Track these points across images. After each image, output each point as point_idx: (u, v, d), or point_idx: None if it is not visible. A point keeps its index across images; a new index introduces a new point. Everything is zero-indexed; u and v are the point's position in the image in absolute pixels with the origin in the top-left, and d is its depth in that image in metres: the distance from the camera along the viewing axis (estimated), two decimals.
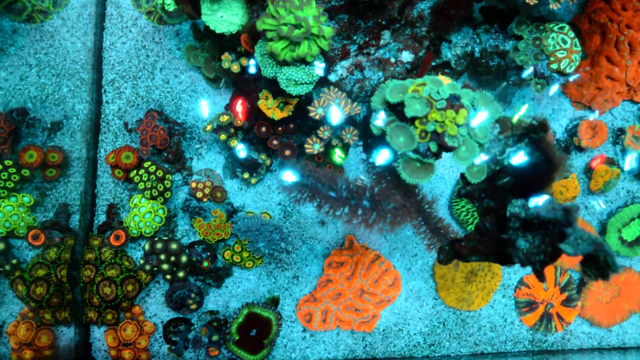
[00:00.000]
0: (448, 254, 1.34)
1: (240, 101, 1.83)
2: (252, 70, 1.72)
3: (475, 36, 1.87)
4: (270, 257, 2.02)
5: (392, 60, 1.68)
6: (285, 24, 1.38)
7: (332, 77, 1.65)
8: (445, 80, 1.80)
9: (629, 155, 2.04)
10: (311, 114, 1.60)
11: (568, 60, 1.73)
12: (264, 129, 1.83)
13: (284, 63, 1.47)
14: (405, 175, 1.33)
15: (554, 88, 2.06)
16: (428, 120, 1.27)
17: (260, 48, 1.51)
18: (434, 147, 1.29)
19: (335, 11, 1.53)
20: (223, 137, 1.88)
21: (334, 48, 1.61)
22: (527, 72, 1.80)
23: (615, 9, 2.04)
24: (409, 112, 1.26)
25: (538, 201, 1.25)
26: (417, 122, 1.28)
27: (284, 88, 1.51)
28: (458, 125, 1.28)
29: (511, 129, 1.33)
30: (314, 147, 1.65)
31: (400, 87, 1.32)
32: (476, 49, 1.87)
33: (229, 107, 1.94)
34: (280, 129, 1.83)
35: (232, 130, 1.88)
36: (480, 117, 1.27)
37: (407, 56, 1.68)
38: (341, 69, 1.64)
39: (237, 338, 1.88)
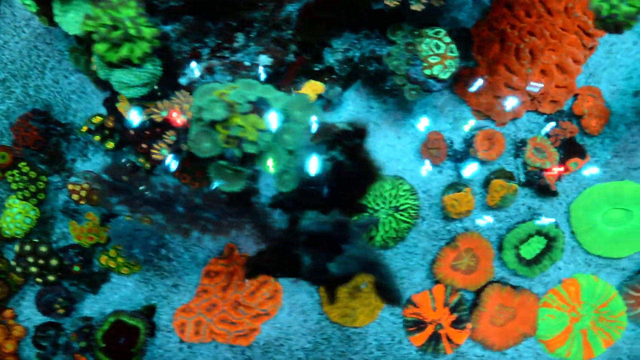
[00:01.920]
0: (251, 269, 1.27)
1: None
2: None
3: (356, 41, 1.80)
4: (148, 264, 1.97)
5: (247, 63, 1.61)
6: (103, 25, 1.34)
7: (183, 81, 1.60)
8: (314, 86, 1.73)
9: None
10: (153, 116, 1.55)
11: (441, 66, 1.64)
12: (132, 131, 1.79)
13: (115, 65, 1.43)
14: (217, 182, 1.27)
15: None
16: (230, 125, 1.21)
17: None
18: (238, 152, 1.22)
19: (175, 12, 1.48)
20: (97, 138, 1.85)
21: (182, 50, 1.56)
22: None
23: (517, 15, 1.93)
24: (206, 116, 1.20)
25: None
26: (219, 127, 1.21)
27: (117, 90, 1.47)
28: (261, 131, 1.21)
29: (322, 136, 1.26)
30: (161, 152, 1.60)
31: (209, 90, 1.26)
32: (356, 54, 1.80)
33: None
34: (147, 132, 1.78)
35: (106, 132, 1.85)
36: (273, 119, 1.20)
37: (265, 60, 1.62)
38: (192, 72, 1.59)
39: (102, 346, 1.83)
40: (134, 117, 1.63)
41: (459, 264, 1.95)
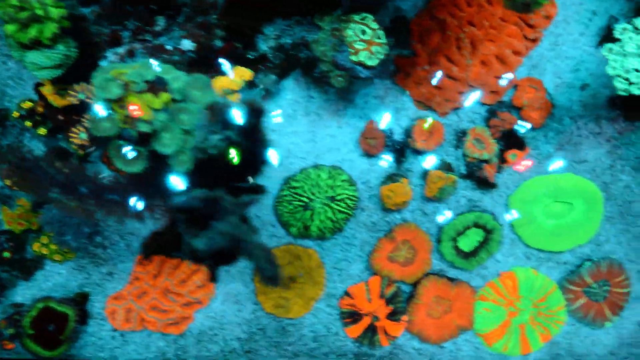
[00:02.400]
0: (145, 249, 1.25)
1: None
2: None
3: (288, 27, 1.77)
4: (83, 251, 1.95)
5: (169, 47, 1.59)
6: (11, 6, 1.32)
7: (104, 64, 1.58)
8: (242, 72, 1.71)
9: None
10: (70, 98, 1.53)
11: (368, 53, 1.62)
12: (60, 116, 1.77)
13: (27, 46, 1.41)
14: (118, 163, 1.25)
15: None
16: (126, 104, 1.19)
17: None
18: (134, 132, 1.20)
19: None
20: (29, 124, 1.83)
21: (102, 33, 1.54)
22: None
23: (458, 4, 1.91)
24: (100, 95, 1.18)
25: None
26: (115, 106, 1.19)
27: (31, 72, 1.45)
28: (156, 110, 1.19)
29: (216, 115, 1.23)
30: (79, 136, 1.58)
31: (107, 69, 1.24)
32: (288, 41, 1.78)
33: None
34: (75, 117, 1.76)
35: (37, 118, 1.83)
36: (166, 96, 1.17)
37: (187, 45, 1.60)
38: (113, 55, 1.57)
39: (30, 332, 1.81)
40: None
41: (397, 256, 1.93)
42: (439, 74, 1.85)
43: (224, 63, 1.61)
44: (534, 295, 1.91)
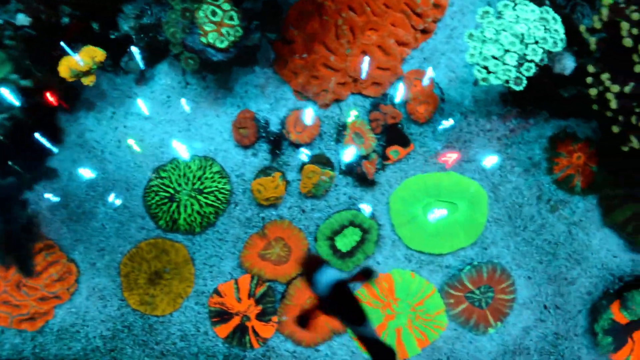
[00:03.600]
0: None
1: None
2: None
3: (147, 7, 1.67)
4: None
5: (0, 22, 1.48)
6: None
7: None
8: (92, 52, 1.60)
9: (349, 147, 1.79)
10: None
11: (217, 34, 1.51)
12: None
13: None
14: None
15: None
16: None
17: None
18: None
19: None
20: None
21: None
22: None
23: None
24: None
25: None
26: None
27: None
28: None
29: None
30: None
31: None
32: (147, 21, 1.67)
33: None
34: None
35: None
36: None
37: (22, 19, 1.49)
38: None
39: None
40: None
41: (269, 254, 1.83)
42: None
43: (64, 44, 1.51)
44: (411, 299, 1.81)
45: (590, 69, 1.45)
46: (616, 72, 1.41)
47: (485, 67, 1.44)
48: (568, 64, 1.52)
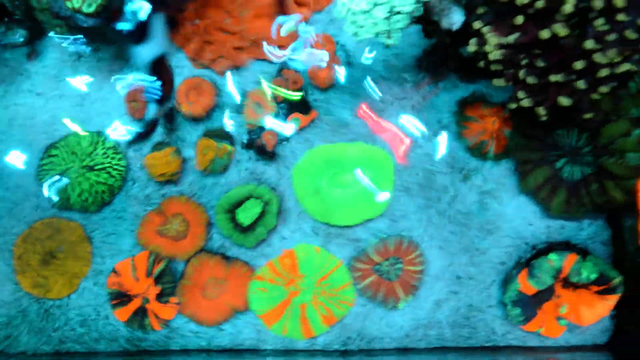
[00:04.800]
0: None
1: None
2: None
3: None
4: None
5: None
6: None
7: None
8: None
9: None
10: None
11: None
12: None
13: None
14: None
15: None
16: None
17: None
18: None
19: None
20: None
21: None
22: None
23: None
24: None
25: None
26: None
27: None
28: None
29: None
30: None
31: None
32: None
33: None
34: None
35: None
36: None
37: None
38: None
39: None
40: None
41: (166, 229, 1.75)
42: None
43: None
44: (315, 274, 1.74)
45: (476, 25, 1.36)
46: (501, 24, 1.33)
47: (355, 21, 1.35)
48: (456, 18, 1.43)
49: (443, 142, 1.77)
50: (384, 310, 1.79)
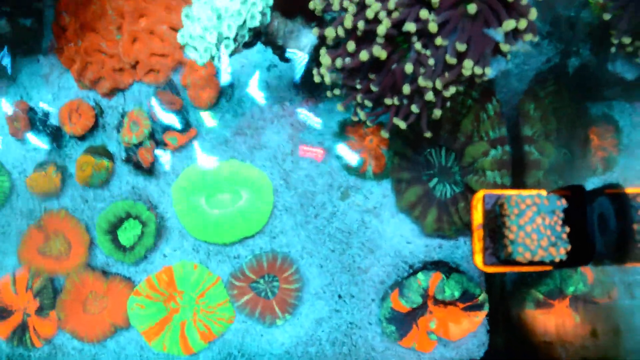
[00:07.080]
0: None
1: None
2: None
3: None
4: None
5: None
6: None
7: None
8: None
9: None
10: None
11: None
12: None
13: None
14: None
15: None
16: None
17: None
18: None
19: None
20: None
21: None
22: None
23: None
24: None
25: None
26: None
27: None
28: None
29: None
30: None
31: None
32: None
33: None
34: None
35: None
36: None
37: None
38: None
39: None
40: None
41: (49, 248, 1.78)
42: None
43: None
44: (193, 291, 1.76)
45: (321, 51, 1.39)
46: (340, 50, 1.36)
47: (195, 47, 1.38)
48: (305, 41, 1.46)
49: (320, 158, 1.80)
50: (264, 327, 1.80)
